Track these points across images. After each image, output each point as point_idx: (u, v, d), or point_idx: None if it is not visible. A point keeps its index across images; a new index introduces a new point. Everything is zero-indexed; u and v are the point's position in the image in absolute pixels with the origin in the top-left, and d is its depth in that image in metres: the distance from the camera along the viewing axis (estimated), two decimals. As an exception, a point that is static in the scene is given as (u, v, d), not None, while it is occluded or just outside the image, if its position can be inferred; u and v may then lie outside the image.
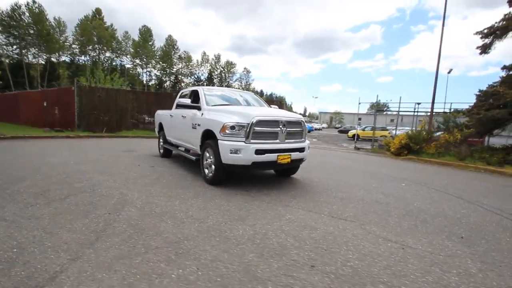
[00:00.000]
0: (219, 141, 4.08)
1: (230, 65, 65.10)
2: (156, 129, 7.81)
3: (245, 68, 69.38)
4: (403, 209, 3.68)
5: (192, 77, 62.93)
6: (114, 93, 14.81)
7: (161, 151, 7.32)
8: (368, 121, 30.69)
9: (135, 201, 3.42)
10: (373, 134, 14.07)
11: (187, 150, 5.88)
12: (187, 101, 5.09)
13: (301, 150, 4.48)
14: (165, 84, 57.86)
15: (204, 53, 64.66)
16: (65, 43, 46.17)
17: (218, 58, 64.40)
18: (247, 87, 67.78)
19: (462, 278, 2.04)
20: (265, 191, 4.18)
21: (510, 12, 9.37)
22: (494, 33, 9.17)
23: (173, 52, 58.15)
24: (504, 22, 8.75)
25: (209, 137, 4.55)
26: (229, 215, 3.11)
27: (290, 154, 4.28)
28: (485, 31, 9.45)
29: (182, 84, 59.25)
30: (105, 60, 48.81)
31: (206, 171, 4.57)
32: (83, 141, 10.29)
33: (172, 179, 4.72)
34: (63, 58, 47.72)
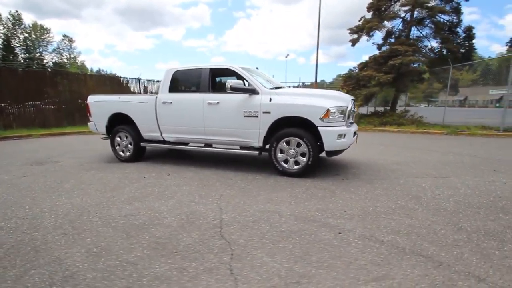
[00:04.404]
0: (322, 128, 3.76)
1: (41, 29, 47.85)
2: (103, 124, 5.42)
3: (65, 36, 52.74)
4: (441, 162, 5.04)
5: (-28, 42, 41.64)
6: None
7: (125, 154, 5.29)
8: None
9: (352, 229, 2.74)
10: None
11: (207, 145, 4.72)
12: (240, 83, 4.05)
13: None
14: None
15: (-11, 8, 43.73)
16: None
17: (18, 18, 45.48)
18: (71, 62, 53.16)
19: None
20: (348, 172, 4.35)
21: (364, 16, 13.21)
22: (361, 31, 12.69)
23: None
24: (368, 24, 12.28)
25: (282, 126, 4.01)
26: (410, 207, 3.21)
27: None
28: (355, 28, 12.87)
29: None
30: None
31: (285, 164, 4.06)
32: None
33: (256, 183, 3.82)
34: None
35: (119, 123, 5.33)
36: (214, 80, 4.88)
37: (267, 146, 4.23)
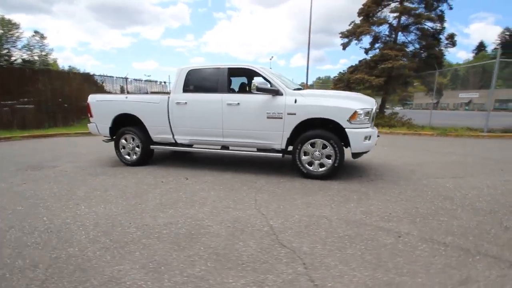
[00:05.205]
0: (349, 130, 3.74)
1: (9, 24, 44.48)
2: (107, 126, 5.07)
3: (36, 32, 49.39)
4: (450, 163, 5.21)
5: None
6: None
7: (132, 157, 4.97)
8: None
9: (409, 232, 2.69)
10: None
11: (224, 147, 4.56)
12: (266, 84, 3.94)
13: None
14: None
15: None
16: None
17: (-19, 11, 41.88)
18: (43, 60, 49.90)
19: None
20: (369, 173, 4.37)
21: (354, 21, 13.57)
22: (351, 35, 13.01)
23: None
24: (359, 29, 12.61)
25: (304, 128, 3.95)
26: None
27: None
28: (346, 32, 13.18)
29: None
30: None
31: (309, 166, 4.00)
32: None
33: (284, 186, 3.71)
34: None
35: (124, 124, 5.01)
36: (231, 80, 4.72)
37: (289, 148, 4.15)
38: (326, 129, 3.90)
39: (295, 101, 3.92)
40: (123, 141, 4.99)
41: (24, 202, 3.13)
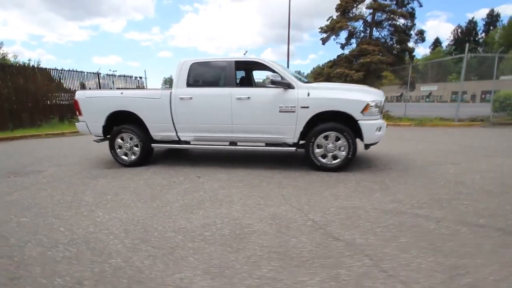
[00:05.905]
0: (362, 122, 3.81)
1: None
2: (99, 125, 4.67)
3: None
4: (441, 151, 5.55)
5: None
6: None
7: (130, 157, 4.66)
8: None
9: (444, 217, 2.76)
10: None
11: (232, 143, 4.44)
12: (278, 77, 3.86)
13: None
14: None
15: None
16: None
17: None
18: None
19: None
20: (377, 163, 4.52)
21: (332, 16, 13.89)
22: (330, 30, 13.30)
23: None
24: (338, 24, 12.93)
25: (316, 121, 3.96)
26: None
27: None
28: (325, 27, 13.44)
29: None
30: None
31: (323, 159, 4.04)
32: None
33: (303, 180, 3.69)
34: None
35: (117, 122, 4.66)
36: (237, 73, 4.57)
37: (301, 142, 4.15)
38: (337, 121, 3.95)
39: (308, 94, 3.90)
40: (119, 140, 4.63)
41: (26, 212, 2.78)
